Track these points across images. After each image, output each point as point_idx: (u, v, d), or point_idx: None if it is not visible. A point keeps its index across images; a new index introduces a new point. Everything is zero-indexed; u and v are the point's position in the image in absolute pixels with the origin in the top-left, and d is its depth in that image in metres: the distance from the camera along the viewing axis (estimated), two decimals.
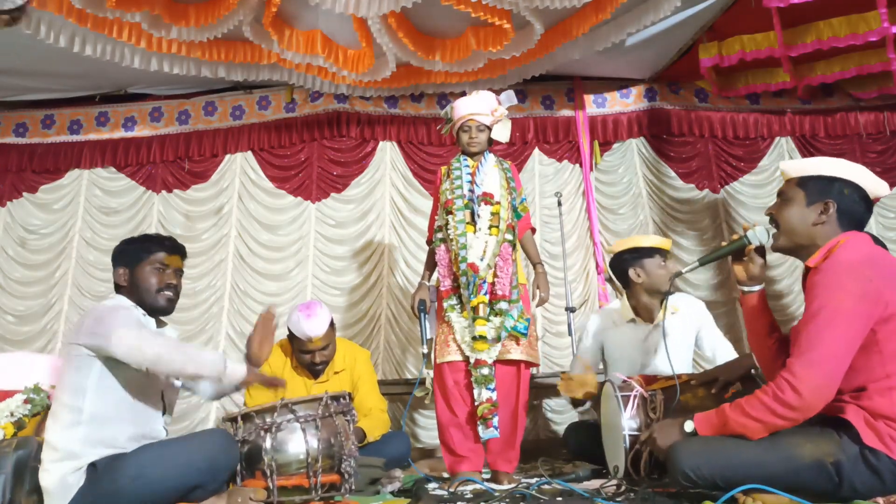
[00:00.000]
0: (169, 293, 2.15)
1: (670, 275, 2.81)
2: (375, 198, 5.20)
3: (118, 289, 2.16)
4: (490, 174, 2.96)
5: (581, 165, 5.26)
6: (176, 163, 5.26)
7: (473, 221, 2.87)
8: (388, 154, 5.26)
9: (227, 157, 5.27)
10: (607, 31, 4.31)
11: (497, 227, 2.86)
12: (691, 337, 2.94)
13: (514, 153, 5.28)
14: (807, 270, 1.83)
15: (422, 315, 2.96)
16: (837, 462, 1.65)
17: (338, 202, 5.19)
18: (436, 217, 3.07)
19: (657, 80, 5.38)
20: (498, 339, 2.79)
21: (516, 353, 2.83)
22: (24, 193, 5.23)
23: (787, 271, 5.09)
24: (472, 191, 2.91)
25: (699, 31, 4.57)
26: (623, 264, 2.97)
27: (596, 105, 5.40)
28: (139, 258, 2.14)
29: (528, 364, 2.91)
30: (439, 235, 2.99)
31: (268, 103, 5.31)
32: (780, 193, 1.90)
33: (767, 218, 1.94)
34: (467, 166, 2.99)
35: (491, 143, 3.05)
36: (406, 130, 5.24)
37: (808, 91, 5.26)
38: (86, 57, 4.20)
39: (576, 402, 2.85)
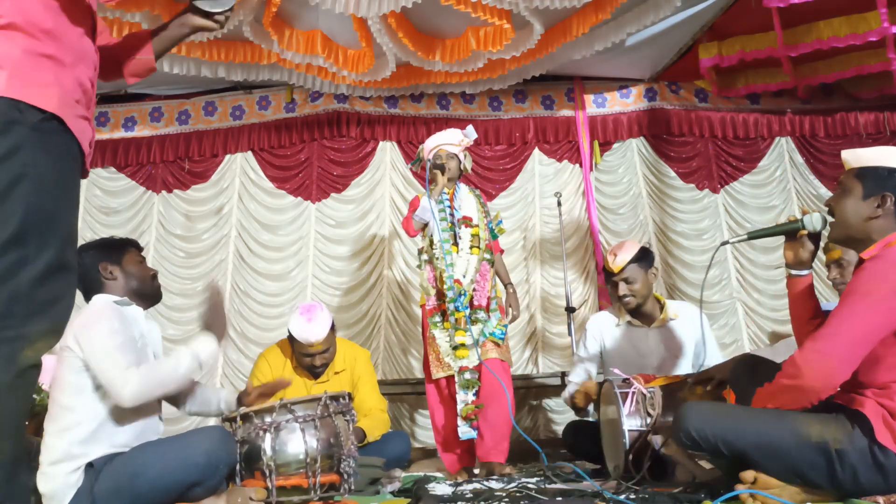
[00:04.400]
0: (158, 282, 2.25)
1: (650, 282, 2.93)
2: (375, 198, 5.20)
3: (99, 287, 2.12)
4: (466, 199, 3.27)
5: (581, 165, 5.26)
6: (176, 163, 5.25)
7: (456, 243, 3.18)
8: (388, 154, 5.26)
9: (227, 157, 5.27)
10: (607, 31, 4.30)
11: (477, 247, 3.18)
12: (691, 342, 2.95)
13: (515, 153, 5.29)
14: (860, 262, 1.78)
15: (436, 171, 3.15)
16: (843, 451, 1.63)
17: (338, 202, 5.19)
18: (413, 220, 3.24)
19: (657, 80, 5.38)
20: (476, 342, 3.03)
21: (494, 353, 3.07)
22: None
23: None
24: (452, 215, 3.20)
25: (699, 31, 4.57)
26: None
27: (596, 105, 5.40)
28: (120, 254, 2.17)
29: (505, 362, 3.14)
30: (424, 257, 3.25)
31: (268, 103, 5.31)
32: (840, 183, 1.84)
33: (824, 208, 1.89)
34: (444, 192, 3.24)
35: (461, 174, 3.31)
36: (406, 130, 5.24)
37: (808, 91, 5.26)
38: None
39: (578, 409, 2.89)
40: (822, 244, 1.97)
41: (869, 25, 4.13)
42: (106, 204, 5.23)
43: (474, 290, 3.11)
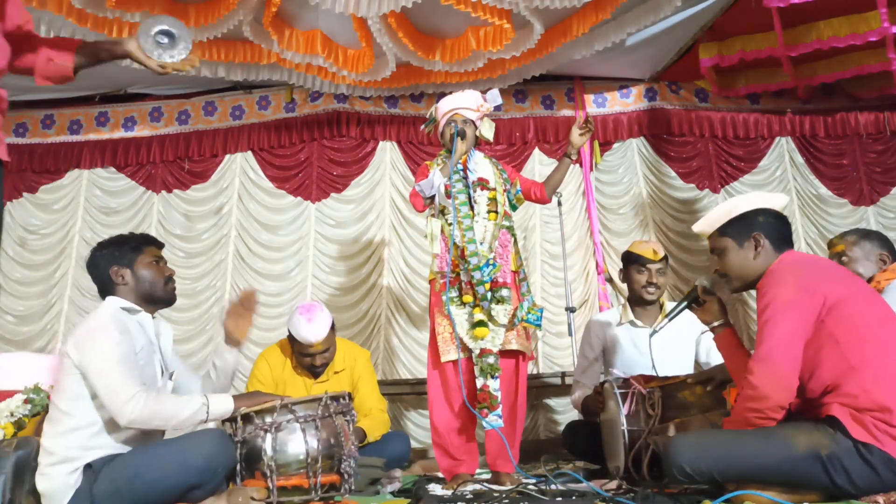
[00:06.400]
0: (173, 284, 2.21)
1: (643, 282, 2.98)
2: (375, 198, 5.20)
3: (112, 289, 2.12)
4: (481, 163, 2.96)
5: (581, 165, 5.25)
6: (176, 163, 5.25)
7: (471, 207, 2.83)
8: (387, 154, 5.26)
9: (227, 157, 5.27)
10: (607, 31, 4.30)
11: (495, 212, 2.85)
12: (691, 342, 2.96)
13: (514, 153, 5.28)
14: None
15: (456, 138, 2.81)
16: (832, 454, 1.66)
17: (338, 202, 5.19)
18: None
19: (657, 80, 5.38)
20: (509, 325, 2.71)
21: (515, 343, 2.74)
22: (24, 193, 5.23)
23: None
24: (466, 177, 2.87)
25: (699, 31, 4.57)
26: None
27: (596, 105, 5.40)
28: (133, 256, 2.14)
29: (525, 357, 2.83)
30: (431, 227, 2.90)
31: (268, 103, 5.31)
32: (712, 250, 2.08)
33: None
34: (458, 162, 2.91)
35: (477, 142, 3.00)
36: (406, 130, 5.24)
37: (808, 91, 5.26)
38: None
39: (590, 414, 2.92)
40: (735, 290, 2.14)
41: (869, 25, 4.13)
42: (106, 204, 5.23)
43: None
